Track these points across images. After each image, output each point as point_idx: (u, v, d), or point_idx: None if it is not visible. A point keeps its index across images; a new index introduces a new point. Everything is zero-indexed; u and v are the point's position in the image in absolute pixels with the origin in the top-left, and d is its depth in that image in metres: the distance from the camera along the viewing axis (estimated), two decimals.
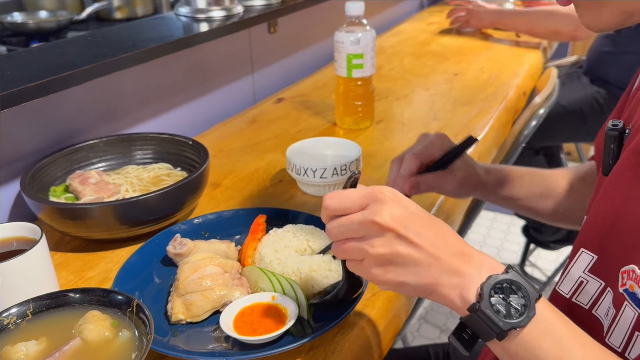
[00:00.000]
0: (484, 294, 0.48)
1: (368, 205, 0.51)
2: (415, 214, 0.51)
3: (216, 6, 1.21)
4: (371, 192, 0.51)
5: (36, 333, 0.56)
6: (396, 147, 1.12)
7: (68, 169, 0.92)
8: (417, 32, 1.98)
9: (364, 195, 0.51)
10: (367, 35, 1.10)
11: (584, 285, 0.56)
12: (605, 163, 0.56)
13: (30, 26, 1.88)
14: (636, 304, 0.48)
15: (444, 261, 0.49)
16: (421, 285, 0.50)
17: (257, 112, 1.32)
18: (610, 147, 0.56)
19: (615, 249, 0.52)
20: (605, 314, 0.53)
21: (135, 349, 0.54)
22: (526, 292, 0.48)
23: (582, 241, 0.57)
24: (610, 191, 0.54)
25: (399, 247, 0.49)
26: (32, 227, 0.68)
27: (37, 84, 0.81)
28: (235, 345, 0.62)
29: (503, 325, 0.47)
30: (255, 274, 0.69)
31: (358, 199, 0.51)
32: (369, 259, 0.51)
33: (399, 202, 0.51)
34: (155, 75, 1.13)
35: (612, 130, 0.56)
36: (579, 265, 0.56)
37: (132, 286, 0.69)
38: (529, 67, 1.58)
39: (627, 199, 0.51)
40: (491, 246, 2.33)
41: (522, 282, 0.48)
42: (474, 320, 0.48)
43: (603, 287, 0.54)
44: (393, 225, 0.49)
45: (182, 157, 0.96)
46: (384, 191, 0.51)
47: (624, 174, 0.52)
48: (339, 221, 0.52)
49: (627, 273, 0.49)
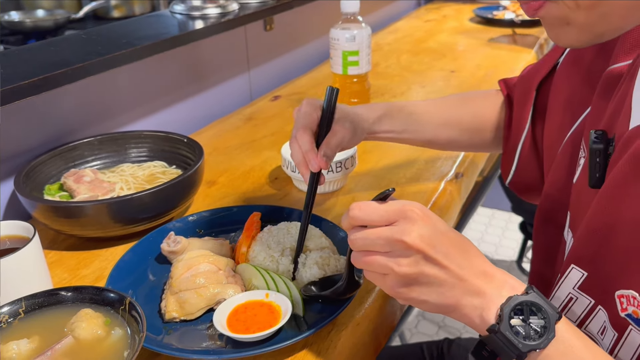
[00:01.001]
0: (503, 316, 0.48)
1: (396, 222, 0.50)
2: (444, 234, 0.51)
3: (211, 3, 1.20)
4: (402, 208, 0.51)
5: (28, 331, 0.56)
6: (392, 144, 1.11)
7: (63, 167, 0.92)
8: (414, 30, 1.98)
9: (394, 211, 0.51)
10: (363, 32, 1.10)
11: (573, 302, 0.55)
12: (592, 176, 0.55)
13: (28, 25, 1.88)
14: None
15: (468, 282, 0.49)
16: (443, 305, 0.50)
17: (253, 110, 1.32)
18: (596, 161, 0.54)
19: (608, 268, 0.51)
20: (599, 333, 0.52)
21: (127, 347, 0.54)
22: (546, 314, 0.48)
23: (572, 257, 0.55)
24: (603, 206, 0.52)
25: (425, 268, 0.49)
26: (25, 225, 0.68)
27: (30, 82, 0.81)
28: (229, 343, 0.62)
29: (522, 347, 0.47)
30: (249, 271, 0.69)
31: (387, 214, 0.51)
32: (393, 276, 0.51)
33: (429, 221, 0.50)
34: (150, 73, 1.13)
35: (596, 143, 0.54)
36: (568, 281, 0.55)
37: (126, 284, 0.69)
38: (525, 65, 1.57)
39: (621, 215, 0.49)
40: (489, 243, 2.33)
41: (542, 303, 0.48)
42: (493, 341, 0.48)
43: (593, 304, 0.53)
44: (422, 247, 0.49)
45: (177, 154, 0.96)
46: (414, 209, 0.50)
47: (618, 189, 0.50)
48: (365, 233, 0.52)
49: (626, 298, 0.48)
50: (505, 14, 2.01)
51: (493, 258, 2.24)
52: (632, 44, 0.58)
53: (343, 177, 0.91)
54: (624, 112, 0.53)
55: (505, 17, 1.99)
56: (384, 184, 0.96)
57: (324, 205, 0.90)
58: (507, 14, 2.01)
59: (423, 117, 0.83)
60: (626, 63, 0.58)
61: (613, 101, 0.58)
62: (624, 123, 0.53)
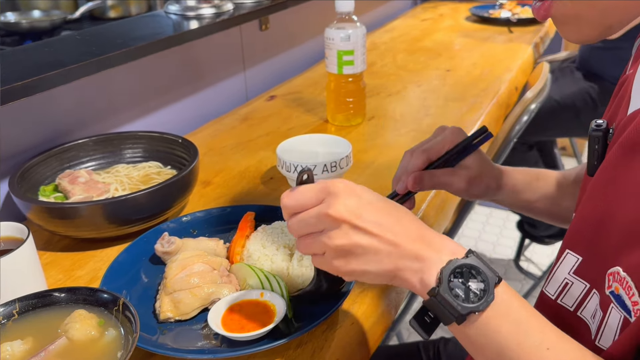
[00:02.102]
0: (443, 278, 0.48)
1: (324, 200, 0.52)
2: (371, 203, 0.52)
3: (206, 3, 1.20)
4: (325, 186, 0.52)
5: (22, 333, 0.56)
6: (388, 143, 1.12)
7: (57, 168, 0.92)
8: (410, 29, 1.98)
9: (319, 190, 0.52)
10: (358, 31, 1.10)
11: (569, 287, 0.55)
12: (590, 164, 0.56)
13: (24, 26, 1.88)
14: (621, 306, 0.47)
15: (403, 247, 0.50)
16: (383, 272, 0.51)
17: (249, 110, 1.32)
18: (594, 148, 0.55)
19: (601, 251, 0.51)
20: (592, 316, 0.53)
21: (121, 347, 0.54)
22: (485, 277, 0.48)
23: (567, 242, 0.56)
24: (596, 192, 0.53)
25: (356, 238, 0.50)
26: (19, 226, 0.68)
27: (24, 83, 0.81)
28: (224, 343, 0.62)
29: (461, 309, 0.47)
30: (243, 271, 0.69)
31: (314, 195, 0.52)
32: (329, 251, 0.52)
33: (353, 193, 0.52)
34: (145, 73, 1.13)
35: (595, 130, 0.55)
36: (564, 266, 0.56)
37: (120, 285, 0.69)
38: (522, 63, 1.58)
39: (613, 199, 0.50)
40: (487, 242, 2.33)
41: (482, 266, 0.49)
42: (434, 304, 0.49)
43: (588, 289, 0.53)
44: (347, 217, 0.50)
45: (172, 155, 0.96)
46: (336, 184, 0.52)
47: (610, 174, 0.51)
48: (297, 217, 0.53)
49: (612, 275, 0.49)
50: (502, 13, 2.01)
51: (491, 257, 2.24)
52: None
53: (338, 176, 0.92)
54: (625, 103, 0.55)
55: (501, 15, 1.99)
56: (379, 182, 0.96)
57: None
58: (504, 13, 2.01)
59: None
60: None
61: (618, 94, 0.59)
62: (624, 111, 0.54)
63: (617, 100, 0.59)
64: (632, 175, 0.48)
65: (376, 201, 0.52)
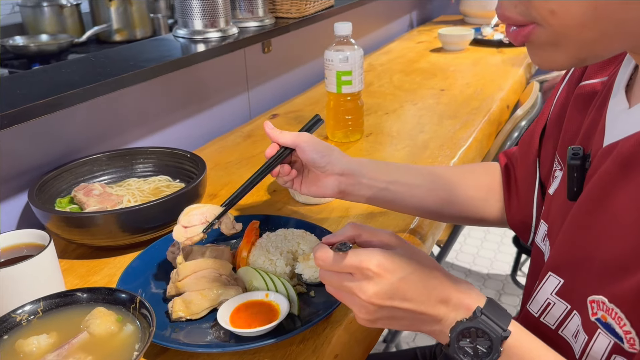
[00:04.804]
0: (451, 340, 0.54)
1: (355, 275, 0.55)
2: (403, 280, 0.54)
3: (212, 28, 1.27)
4: (359, 266, 0.54)
5: (47, 328, 0.61)
6: (385, 158, 1.17)
7: (73, 182, 0.98)
8: (407, 51, 2.06)
9: (351, 267, 0.55)
10: (355, 53, 1.16)
11: (550, 307, 0.59)
12: (570, 189, 0.58)
13: (32, 49, 1.94)
14: (612, 333, 0.51)
15: (427, 314, 0.55)
16: (406, 329, 0.57)
17: (252, 128, 1.38)
18: (573, 176, 0.58)
19: (583, 276, 0.55)
20: (573, 336, 0.57)
21: (138, 340, 0.59)
22: (489, 337, 0.53)
23: (550, 265, 0.60)
24: (580, 218, 0.55)
25: (384, 313, 0.55)
26: (41, 233, 0.73)
27: (45, 102, 0.87)
28: (231, 338, 0.66)
29: None
30: (250, 273, 0.74)
31: (345, 269, 0.55)
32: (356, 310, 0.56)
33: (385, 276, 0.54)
34: (155, 93, 1.19)
35: (573, 159, 0.57)
36: (546, 287, 0.60)
37: (134, 287, 0.74)
38: (513, 82, 1.64)
39: (600, 229, 0.53)
40: (484, 258, 2.37)
41: (486, 327, 0.53)
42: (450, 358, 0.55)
43: (569, 310, 0.57)
44: (377, 302, 0.54)
45: (180, 169, 1.01)
46: (370, 267, 0.54)
47: (594, 205, 0.54)
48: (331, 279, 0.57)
49: (596, 303, 0.52)
50: (495, 35, 2.09)
51: (488, 273, 2.28)
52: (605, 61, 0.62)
53: None
54: (599, 130, 0.57)
55: (494, 37, 2.07)
56: None
57: (320, 215, 0.95)
58: (496, 35, 2.08)
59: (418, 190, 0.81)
60: (599, 80, 0.62)
61: (588, 117, 0.61)
62: (599, 140, 0.56)
63: (589, 122, 0.60)
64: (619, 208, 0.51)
65: (408, 275, 0.54)
